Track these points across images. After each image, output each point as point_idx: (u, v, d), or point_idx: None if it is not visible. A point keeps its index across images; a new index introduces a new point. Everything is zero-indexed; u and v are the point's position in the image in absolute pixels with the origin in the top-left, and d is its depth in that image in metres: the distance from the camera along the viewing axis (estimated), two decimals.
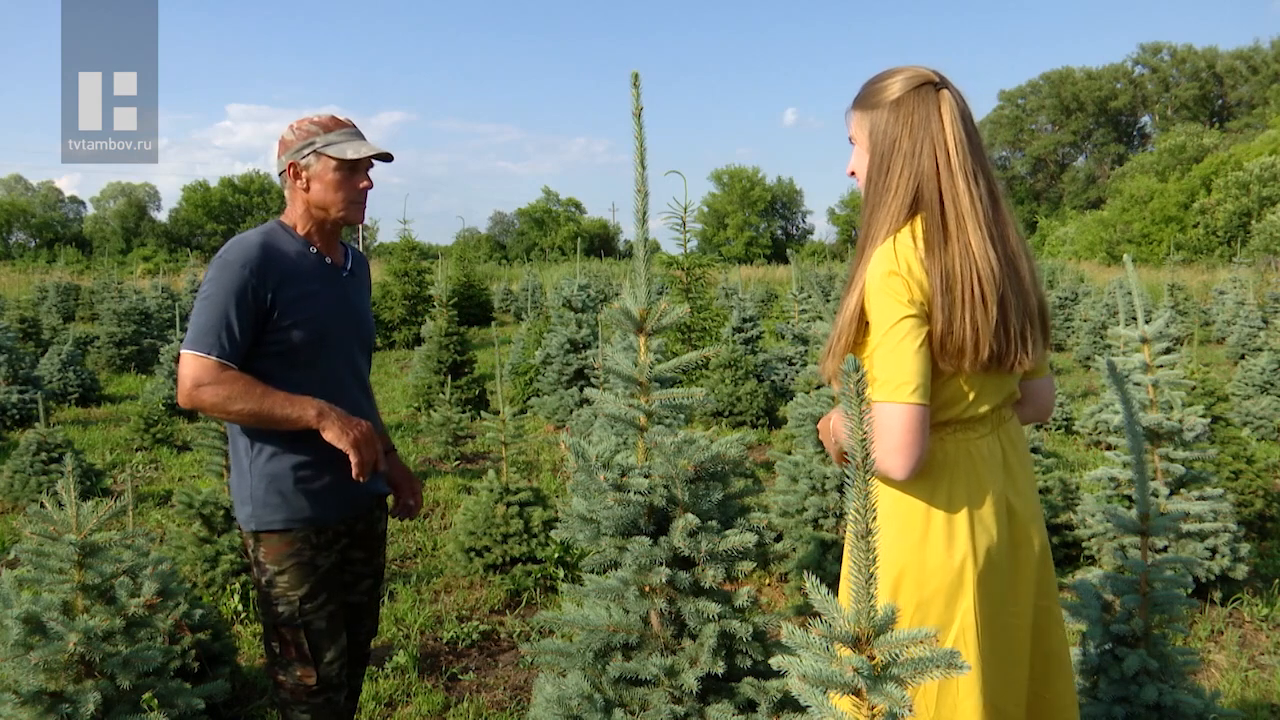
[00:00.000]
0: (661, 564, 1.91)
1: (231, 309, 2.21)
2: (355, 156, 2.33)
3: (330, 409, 2.28)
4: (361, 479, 2.30)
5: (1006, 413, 1.83)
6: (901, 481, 1.67)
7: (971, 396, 1.73)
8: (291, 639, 2.36)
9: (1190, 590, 3.09)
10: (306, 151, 2.35)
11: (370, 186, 2.42)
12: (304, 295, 2.33)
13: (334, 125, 2.38)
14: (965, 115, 1.74)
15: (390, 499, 2.71)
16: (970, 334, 1.65)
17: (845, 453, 1.88)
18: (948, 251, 1.66)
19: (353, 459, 2.26)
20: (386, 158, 2.42)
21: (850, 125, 1.84)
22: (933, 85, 1.73)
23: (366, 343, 2.57)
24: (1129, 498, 4.40)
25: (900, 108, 1.73)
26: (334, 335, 2.40)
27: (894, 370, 1.62)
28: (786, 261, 38.07)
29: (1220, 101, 62.27)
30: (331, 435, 2.25)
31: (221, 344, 2.21)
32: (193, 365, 2.21)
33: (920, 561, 1.69)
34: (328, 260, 2.44)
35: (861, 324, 1.70)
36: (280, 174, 2.42)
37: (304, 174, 2.36)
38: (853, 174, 1.86)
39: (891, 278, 1.65)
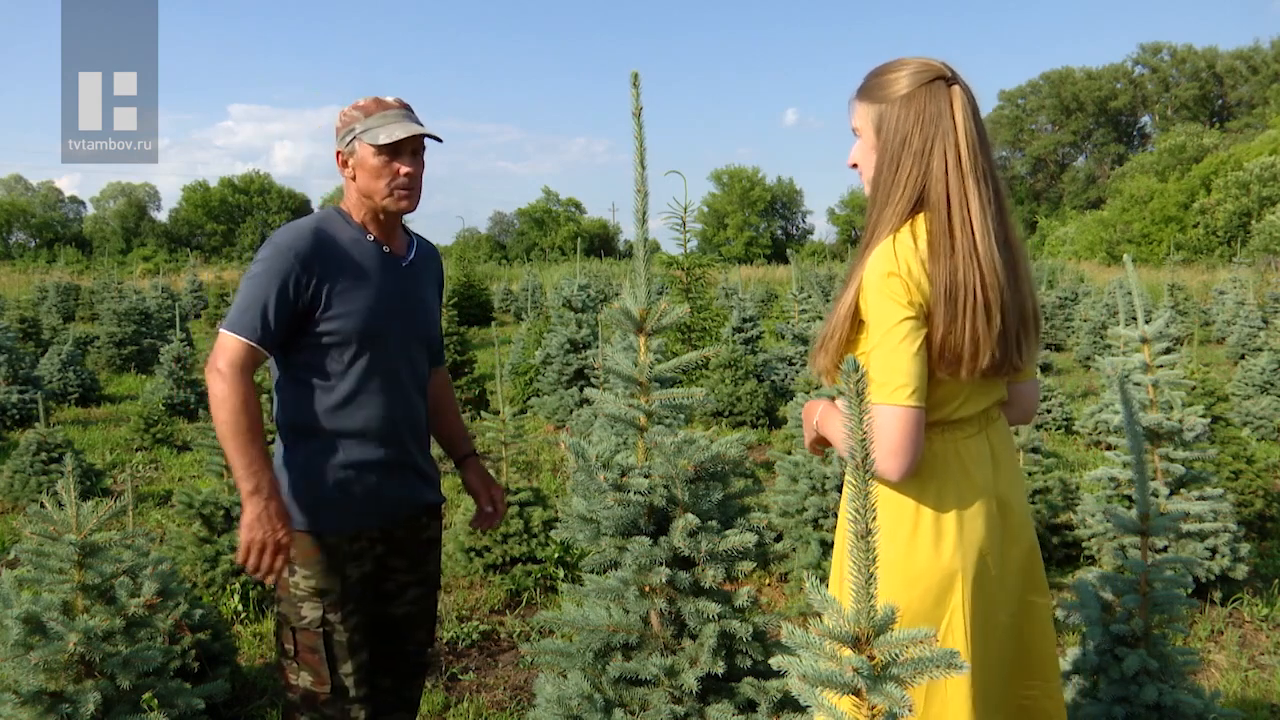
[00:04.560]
0: (661, 564, 1.91)
1: (272, 294, 2.15)
2: (387, 140, 2.19)
3: (264, 497, 2.13)
4: (250, 574, 2.20)
5: (994, 413, 1.81)
6: (893, 482, 1.65)
7: (961, 398, 1.71)
8: (310, 644, 2.25)
9: (1190, 590, 3.09)
10: (349, 139, 2.25)
11: (411, 172, 2.25)
12: (355, 285, 2.23)
13: (376, 108, 2.25)
14: (975, 112, 1.69)
15: (473, 508, 2.62)
16: (969, 343, 1.62)
17: (819, 441, 1.88)
18: (953, 258, 1.61)
19: (238, 556, 2.15)
20: (431, 139, 2.28)
21: (853, 116, 1.77)
22: (944, 80, 1.68)
23: (427, 339, 2.43)
24: (1129, 498, 4.39)
25: (912, 103, 1.66)
26: (388, 329, 2.27)
27: (891, 372, 1.60)
28: (786, 261, 38.02)
29: (1220, 101, 62.25)
30: (243, 523, 2.14)
31: (255, 327, 2.15)
32: (227, 349, 2.14)
33: (909, 561, 1.67)
34: (386, 249, 2.32)
35: (856, 321, 1.68)
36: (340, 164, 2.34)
37: (350, 161, 2.27)
38: (854, 165, 1.80)
39: (890, 279, 1.61)
